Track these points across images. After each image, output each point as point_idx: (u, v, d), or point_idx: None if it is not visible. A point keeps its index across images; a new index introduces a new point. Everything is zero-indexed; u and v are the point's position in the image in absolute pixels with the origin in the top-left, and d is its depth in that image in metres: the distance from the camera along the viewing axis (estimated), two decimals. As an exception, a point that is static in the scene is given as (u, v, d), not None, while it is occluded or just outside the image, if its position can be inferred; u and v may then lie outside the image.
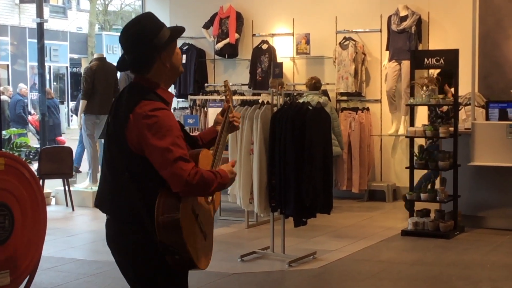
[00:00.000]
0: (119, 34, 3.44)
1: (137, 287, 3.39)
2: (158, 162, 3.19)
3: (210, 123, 9.44)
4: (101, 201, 3.44)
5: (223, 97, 3.97)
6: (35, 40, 13.42)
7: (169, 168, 3.16)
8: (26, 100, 19.39)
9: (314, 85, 9.92)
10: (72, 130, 24.61)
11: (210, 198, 3.48)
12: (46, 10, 22.13)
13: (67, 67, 32.17)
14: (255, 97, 9.28)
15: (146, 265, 3.31)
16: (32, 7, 22.69)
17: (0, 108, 14.36)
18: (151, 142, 3.18)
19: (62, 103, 26.99)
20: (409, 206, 8.73)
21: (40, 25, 12.28)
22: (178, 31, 3.43)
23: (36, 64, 19.95)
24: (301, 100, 8.72)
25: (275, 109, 7.40)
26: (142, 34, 3.32)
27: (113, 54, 32.19)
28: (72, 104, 26.74)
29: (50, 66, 29.82)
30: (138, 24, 3.36)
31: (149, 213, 3.21)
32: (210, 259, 3.45)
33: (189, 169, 3.18)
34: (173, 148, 3.18)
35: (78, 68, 32.47)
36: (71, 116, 27.98)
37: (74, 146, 11.90)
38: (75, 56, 32.65)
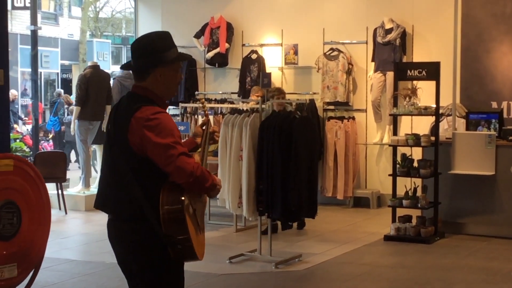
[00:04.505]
0: (109, 41, 3.76)
1: (141, 281, 3.65)
2: (163, 158, 3.49)
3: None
4: (104, 203, 3.71)
5: (202, 112, 4.34)
6: (27, 47, 13.43)
7: (174, 162, 3.46)
8: (16, 106, 19.49)
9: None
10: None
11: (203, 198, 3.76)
12: (38, 17, 22.26)
13: (58, 73, 32.25)
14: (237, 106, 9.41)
15: (149, 260, 3.58)
16: (24, 14, 22.75)
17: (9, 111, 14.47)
18: (154, 140, 3.48)
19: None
20: None
21: (34, 32, 12.36)
22: (183, 56, 3.76)
23: (27, 70, 19.99)
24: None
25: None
26: (150, 46, 3.64)
27: (104, 60, 32.18)
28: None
29: (41, 72, 29.88)
30: (150, 36, 3.70)
31: (154, 208, 3.50)
32: (204, 252, 3.71)
33: (192, 162, 3.51)
34: (176, 145, 3.50)
35: (68, 74, 32.55)
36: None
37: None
38: (66, 62, 32.70)
